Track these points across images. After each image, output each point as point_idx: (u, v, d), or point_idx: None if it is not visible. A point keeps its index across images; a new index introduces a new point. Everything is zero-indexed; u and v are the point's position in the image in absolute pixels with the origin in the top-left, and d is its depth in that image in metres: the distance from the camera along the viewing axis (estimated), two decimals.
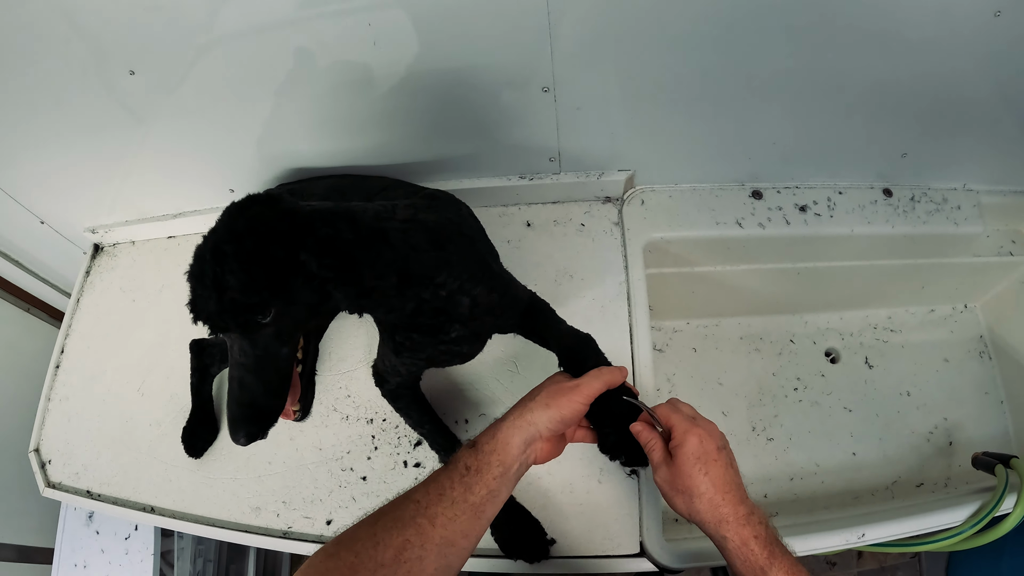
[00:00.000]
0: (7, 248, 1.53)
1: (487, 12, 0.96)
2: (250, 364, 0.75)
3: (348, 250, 0.75)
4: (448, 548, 0.65)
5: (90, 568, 1.44)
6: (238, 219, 0.71)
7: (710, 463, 0.78)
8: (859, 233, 1.32)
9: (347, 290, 0.77)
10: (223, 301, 0.69)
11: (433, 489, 0.67)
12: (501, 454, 0.72)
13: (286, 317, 0.74)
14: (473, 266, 0.93)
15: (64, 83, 1.10)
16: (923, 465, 1.42)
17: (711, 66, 1.06)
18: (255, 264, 0.69)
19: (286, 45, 1.02)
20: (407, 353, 1.05)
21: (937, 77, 1.10)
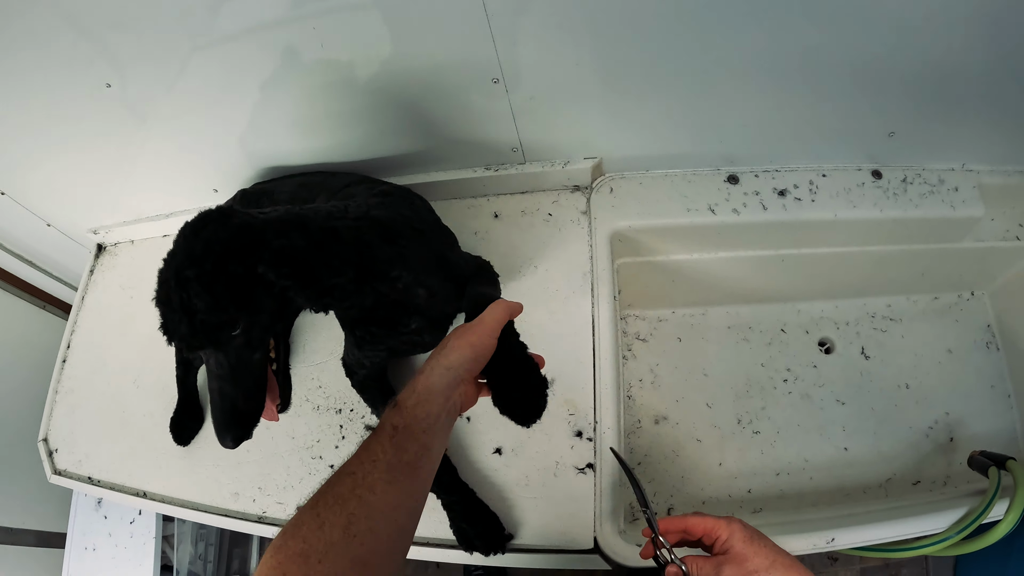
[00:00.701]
0: (20, 249, 1.63)
1: (423, 7, 0.97)
2: (226, 374, 0.78)
3: (302, 256, 0.78)
4: (395, 512, 0.64)
5: (99, 551, 1.53)
6: (194, 242, 0.74)
7: (760, 534, 0.78)
8: (843, 218, 1.26)
9: (307, 293, 0.80)
10: (193, 324, 0.72)
11: (366, 458, 0.65)
12: (426, 405, 0.70)
13: (254, 326, 0.77)
14: (427, 258, 0.95)
15: (65, 92, 1.16)
16: (921, 462, 1.35)
17: (672, 46, 1.03)
18: (217, 284, 0.72)
19: (253, 52, 1.06)
20: (368, 346, 1.08)
21: (926, 48, 1.02)
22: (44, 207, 1.51)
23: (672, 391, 1.44)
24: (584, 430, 1.13)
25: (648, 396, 1.44)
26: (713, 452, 1.38)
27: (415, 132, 1.24)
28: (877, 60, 1.05)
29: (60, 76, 1.13)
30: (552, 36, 1.02)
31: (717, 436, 1.40)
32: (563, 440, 1.13)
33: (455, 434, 1.17)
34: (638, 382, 1.45)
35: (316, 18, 0.99)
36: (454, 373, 0.73)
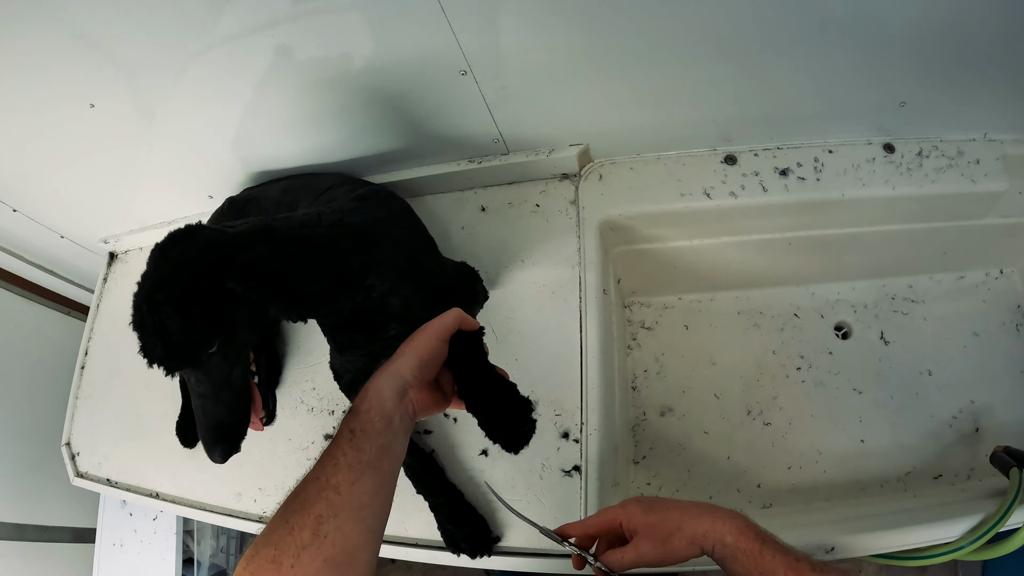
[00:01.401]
0: (40, 259, 1.70)
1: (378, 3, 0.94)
2: (207, 392, 0.79)
3: (270, 267, 0.78)
4: (362, 510, 0.65)
5: (126, 547, 1.60)
6: (163, 264, 0.74)
7: (659, 499, 0.79)
8: (851, 197, 1.18)
9: (279, 304, 0.80)
10: (168, 346, 0.72)
11: (328, 462, 0.67)
12: (378, 409, 0.70)
13: (231, 342, 0.77)
14: (401, 266, 0.94)
15: (67, 108, 1.18)
16: (943, 454, 1.26)
17: (651, 16, 0.95)
18: (189, 305, 0.72)
19: (232, 60, 1.06)
20: (349, 351, 1.08)
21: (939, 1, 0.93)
22: (55, 220, 1.56)
23: (678, 381, 1.39)
24: (571, 431, 1.10)
25: (653, 387, 1.39)
26: (721, 445, 1.33)
27: (393, 129, 1.22)
28: (882, 18, 0.95)
29: (52, 93, 1.16)
30: (514, 22, 0.97)
31: (725, 428, 1.34)
32: (549, 441, 1.10)
33: (442, 435, 1.16)
34: (643, 372, 1.41)
35: (274, 26, 0.98)
36: (400, 379, 0.73)
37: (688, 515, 0.74)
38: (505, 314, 1.20)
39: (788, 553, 0.69)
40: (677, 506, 0.76)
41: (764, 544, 0.70)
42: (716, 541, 0.72)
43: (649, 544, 0.74)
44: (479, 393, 0.79)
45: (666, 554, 0.74)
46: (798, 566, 0.67)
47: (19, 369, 1.76)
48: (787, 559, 0.68)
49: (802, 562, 0.68)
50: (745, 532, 0.71)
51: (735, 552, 0.70)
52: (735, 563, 0.70)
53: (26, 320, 1.78)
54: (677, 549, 0.73)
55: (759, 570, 0.68)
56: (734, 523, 0.72)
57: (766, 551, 0.69)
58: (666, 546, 0.73)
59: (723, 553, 0.71)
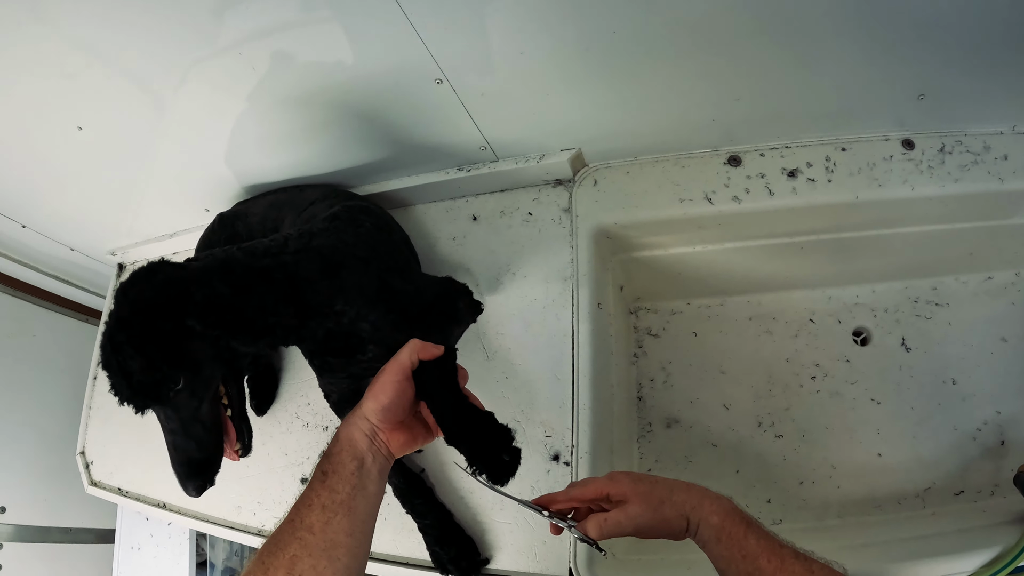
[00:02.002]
0: (54, 270, 1.74)
1: (345, 17, 0.92)
2: (177, 427, 0.79)
3: (228, 303, 0.78)
4: (335, 550, 0.66)
5: (143, 550, 1.64)
6: (123, 305, 0.75)
7: (645, 474, 0.78)
8: (865, 199, 1.10)
9: (242, 338, 0.79)
10: (132, 385, 0.73)
11: (303, 504, 0.68)
12: (350, 450, 0.71)
13: (196, 378, 0.77)
14: (369, 290, 0.92)
15: (53, 133, 1.21)
16: (966, 469, 1.17)
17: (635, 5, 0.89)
18: (147, 344, 0.72)
19: (217, 78, 1.06)
20: (328, 374, 1.07)
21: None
22: (64, 235, 1.60)
23: (686, 391, 1.33)
24: (561, 453, 1.06)
25: (660, 397, 1.34)
26: (729, 458, 1.27)
27: (377, 141, 1.19)
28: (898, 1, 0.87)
29: (41, 116, 1.18)
30: (484, 27, 0.93)
31: (734, 440, 1.28)
32: (539, 464, 1.07)
33: (432, 452, 1.14)
34: (649, 382, 1.35)
35: (249, 42, 0.97)
36: (367, 423, 0.73)
37: (678, 487, 0.74)
38: (495, 329, 1.16)
39: (771, 539, 0.69)
40: (664, 480, 0.76)
41: (749, 528, 0.69)
42: (702, 519, 0.71)
43: (640, 507, 0.73)
44: (454, 427, 0.76)
45: (658, 520, 0.72)
46: (781, 552, 0.67)
47: (41, 377, 1.81)
48: (770, 544, 0.68)
49: (785, 548, 0.68)
50: (731, 515, 0.71)
51: (719, 533, 0.70)
52: (718, 544, 0.70)
53: (45, 329, 1.83)
54: (668, 517, 0.72)
55: (741, 553, 0.68)
56: (720, 504, 0.72)
57: (750, 535, 0.69)
58: (658, 512, 0.72)
59: (708, 534, 0.71)
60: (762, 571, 0.66)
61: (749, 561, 0.67)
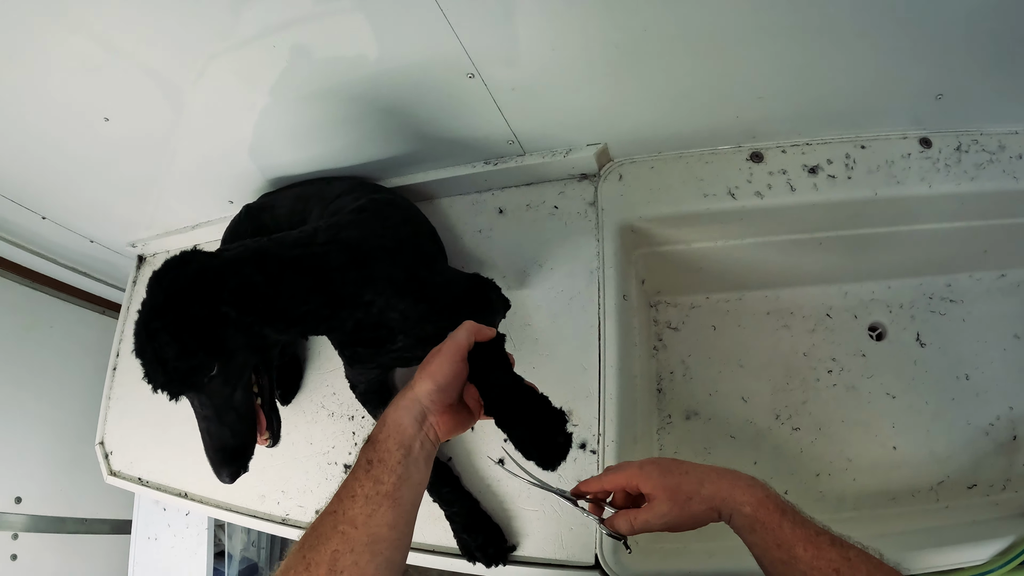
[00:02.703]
0: (73, 262, 1.74)
1: (381, 10, 0.93)
2: (211, 414, 0.80)
3: (261, 291, 0.79)
4: (378, 544, 0.64)
5: (160, 540, 1.65)
6: (158, 293, 0.76)
7: (677, 462, 0.76)
8: (884, 196, 1.12)
9: (275, 325, 0.81)
10: (167, 372, 0.74)
11: (345, 494, 0.66)
12: (396, 437, 0.69)
13: (230, 365, 0.78)
14: (398, 280, 0.93)
15: (79, 124, 1.21)
16: (978, 463, 1.19)
17: (664, 4, 0.91)
18: (183, 331, 0.73)
19: (243, 70, 1.06)
20: (358, 365, 1.09)
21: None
22: (84, 226, 1.61)
23: (705, 384, 1.35)
24: (588, 442, 1.08)
25: (679, 389, 1.36)
26: (748, 450, 1.29)
27: (404, 134, 1.20)
28: (918, 3, 0.89)
29: (68, 107, 1.18)
30: (518, 23, 0.95)
31: (752, 433, 1.30)
32: None
33: (459, 442, 1.15)
34: (669, 375, 1.37)
35: (280, 32, 0.97)
36: (419, 406, 0.72)
37: (708, 479, 0.72)
38: (522, 320, 1.18)
39: (807, 526, 0.67)
40: (696, 469, 0.74)
41: (784, 516, 0.67)
42: (734, 509, 0.70)
43: (667, 505, 0.72)
44: (508, 410, 0.76)
45: (686, 517, 0.72)
46: (817, 540, 0.65)
47: (57, 369, 1.82)
48: (806, 532, 0.66)
49: (822, 536, 0.66)
50: (765, 503, 0.69)
51: (752, 523, 0.68)
52: (752, 533, 0.68)
53: (62, 321, 1.84)
54: (696, 512, 0.71)
55: (776, 542, 0.66)
56: (754, 493, 0.70)
57: (785, 522, 0.67)
58: (685, 509, 0.71)
59: (741, 523, 0.69)
60: (798, 559, 0.65)
61: (784, 550, 0.66)
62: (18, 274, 1.71)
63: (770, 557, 0.67)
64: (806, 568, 0.64)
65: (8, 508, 1.62)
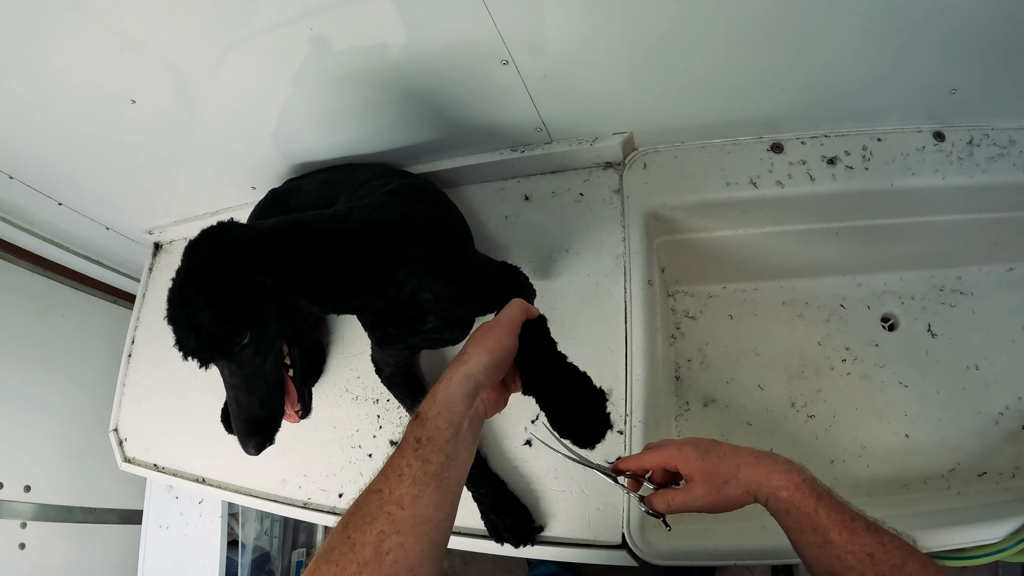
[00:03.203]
0: (86, 250, 1.74)
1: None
2: (240, 383, 0.81)
3: (298, 261, 0.79)
4: (424, 525, 0.63)
5: (171, 529, 1.64)
6: (194, 259, 0.77)
7: (716, 444, 0.76)
8: (900, 187, 1.16)
9: (310, 296, 0.81)
10: (200, 337, 0.75)
11: (391, 473, 0.64)
12: (446, 415, 0.68)
13: (262, 334, 0.79)
14: (431, 261, 0.93)
15: (105, 102, 1.21)
16: (988, 452, 1.22)
17: (686, 7, 0.95)
18: (218, 297, 0.74)
19: (269, 52, 1.07)
20: (389, 345, 1.10)
21: None
22: (100, 213, 1.60)
23: (722, 372, 1.38)
24: (615, 423, 1.09)
25: (697, 377, 1.38)
26: (764, 437, 1.32)
27: (432, 120, 1.22)
28: (935, 5, 0.93)
29: (95, 90, 1.18)
30: (556, 9, 0.97)
31: (768, 420, 1.33)
32: None
33: (486, 424, 1.16)
34: (687, 363, 1.40)
35: (313, 16, 0.99)
36: (473, 381, 0.71)
37: (745, 463, 0.72)
38: (549, 304, 1.19)
39: (843, 511, 0.67)
40: (733, 452, 0.74)
41: (819, 501, 0.67)
42: (770, 494, 0.70)
43: (703, 489, 0.72)
44: (553, 388, 0.77)
45: (721, 501, 0.72)
46: (852, 525, 0.66)
47: (68, 357, 1.81)
48: (842, 517, 0.66)
49: (857, 521, 0.66)
50: (801, 488, 0.69)
51: (788, 507, 0.68)
52: (788, 517, 0.69)
53: (73, 309, 1.83)
54: (732, 496, 0.72)
55: (812, 526, 0.67)
56: (790, 477, 0.70)
57: (821, 508, 0.67)
58: (721, 493, 0.72)
59: (776, 507, 0.70)
60: (832, 544, 0.65)
61: (820, 534, 0.66)
62: (31, 262, 1.70)
63: (805, 541, 0.67)
64: (841, 552, 0.64)
65: (17, 496, 1.60)
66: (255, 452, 0.83)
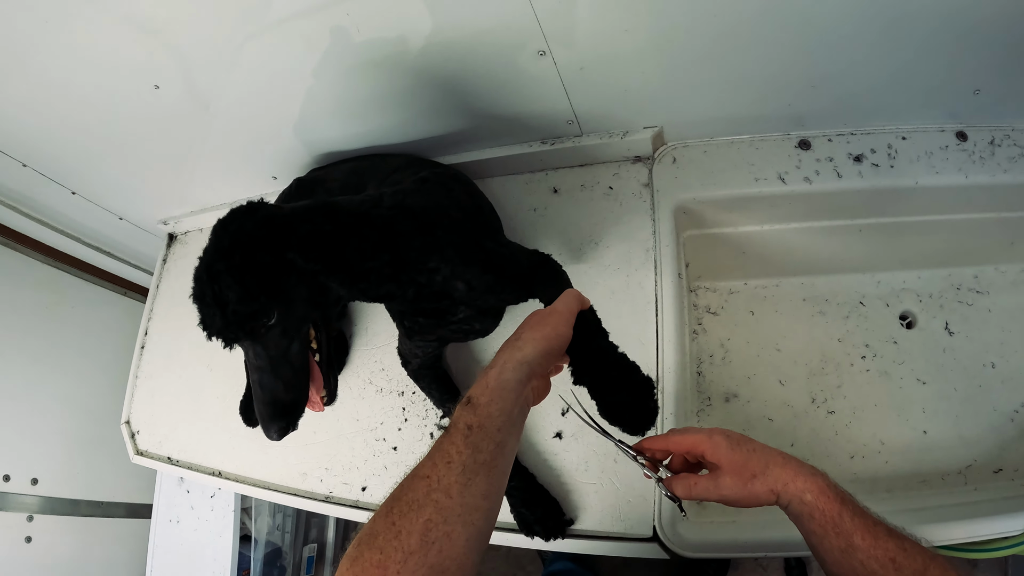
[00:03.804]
0: (98, 241, 1.72)
1: None
2: (265, 366, 0.79)
3: (330, 241, 0.78)
4: (472, 514, 0.61)
5: (182, 523, 1.61)
6: (223, 237, 0.76)
7: (746, 438, 0.75)
8: (924, 185, 1.18)
9: (339, 278, 0.80)
10: (226, 315, 0.73)
11: (440, 459, 0.63)
12: (499, 402, 0.67)
13: (289, 315, 0.78)
14: (464, 249, 0.92)
15: (121, 90, 1.20)
16: (1004, 449, 1.24)
17: (725, 3, 0.95)
18: (247, 275, 0.73)
19: (295, 40, 1.07)
20: (418, 336, 1.08)
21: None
22: (114, 203, 1.59)
23: (743, 367, 1.39)
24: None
25: (719, 373, 1.39)
26: (785, 432, 1.32)
27: (462, 110, 1.22)
28: (963, 4, 0.95)
29: (116, 76, 1.17)
30: (593, 1, 0.97)
31: (789, 415, 1.34)
32: None
33: None
34: (708, 358, 1.40)
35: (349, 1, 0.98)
36: (528, 368, 0.70)
37: (773, 461, 0.72)
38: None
39: (866, 516, 0.67)
40: (763, 449, 0.74)
41: (843, 505, 0.67)
42: (794, 496, 0.70)
43: (731, 480, 0.72)
44: (605, 378, 0.78)
45: (746, 495, 0.72)
46: (875, 530, 0.65)
47: (77, 349, 1.79)
48: (865, 522, 0.66)
49: (879, 526, 0.66)
50: (826, 492, 0.68)
51: (812, 511, 0.68)
52: (811, 521, 0.68)
53: (82, 301, 1.81)
54: (757, 493, 0.71)
55: (836, 530, 0.66)
56: (815, 481, 0.70)
57: (845, 512, 0.67)
58: (748, 487, 0.71)
59: (800, 510, 0.69)
60: (856, 548, 0.65)
61: (843, 538, 0.66)
62: (41, 252, 1.67)
63: (827, 545, 0.67)
64: (864, 557, 0.64)
65: (24, 489, 1.58)
66: (278, 437, 0.82)
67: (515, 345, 0.73)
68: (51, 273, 1.71)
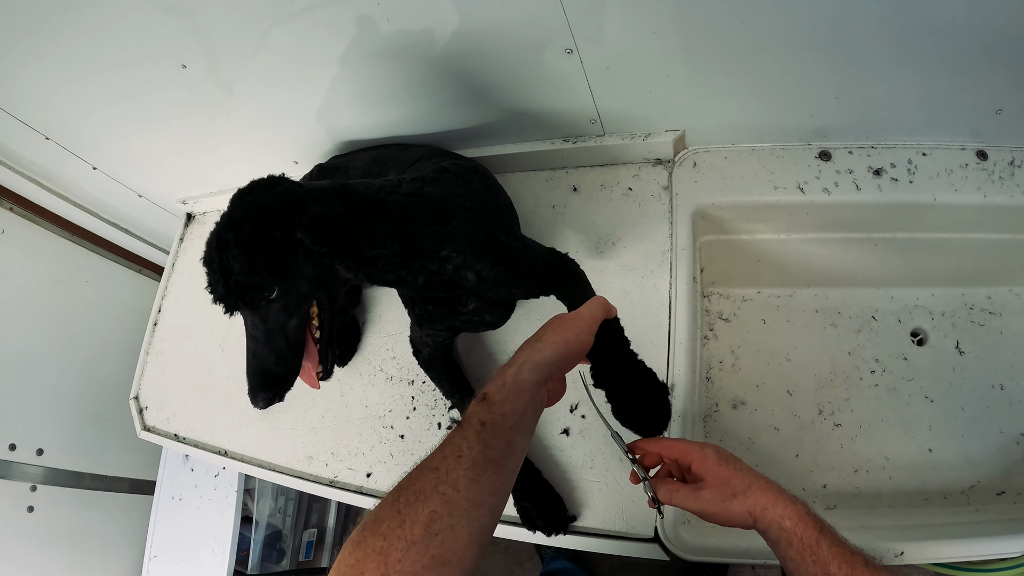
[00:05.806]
0: (115, 218, 1.74)
1: None
2: (260, 336, 0.80)
3: (340, 224, 0.79)
4: (477, 509, 0.62)
5: (184, 501, 1.63)
6: (238, 208, 0.77)
7: (735, 457, 0.78)
8: (943, 202, 1.17)
9: (346, 262, 0.81)
10: (228, 284, 0.75)
11: (450, 452, 0.64)
12: (514, 402, 0.68)
13: (291, 292, 0.79)
14: (477, 240, 0.93)
15: (149, 69, 1.21)
16: (1008, 471, 1.24)
17: (760, 7, 0.95)
18: (253, 248, 0.74)
19: (322, 26, 1.07)
20: (428, 324, 1.09)
21: None
22: (134, 180, 1.60)
23: (752, 375, 1.39)
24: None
25: (727, 379, 1.40)
26: (790, 442, 1.33)
27: (486, 104, 1.22)
28: (988, 24, 0.94)
29: (144, 53, 1.18)
30: (623, 2, 0.97)
31: (796, 426, 1.34)
32: None
33: None
34: (718, 364, 1.41)
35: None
36: (546, 370, 0.72)
37: (757, 485, 0.73)
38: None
39: (843, 546, 0.68)
40: (747, 471, 0.75)
41: (822, 533, 0.68)
42: (773, 521, 0.70)
43: (712, 494, 0.73)
44: (624, 385, 0.81)
45: (722, 511, 0.73)
46: (852, 560, 0.66)
47: (90, 323, 1.80)
48: (842, 551, 0.67)
49: (856, 556, 0.67)
50: (805, 519, 0.69)
51: (791, 537, 0.69)
52: (789, 547, 0.69)
53: (99, 276, 1.82)
54: (734, 512, 0.72)
55: (812, 558, 0.67)
56: (795, 508, 0.70)
57: (823, 541, 0.68)
58: (726, 504, 0.72)
59: (778, 535, 0.70)
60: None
61: (820, 566, 0.67)
62: (58, 226, 1.69)
63: (804, 572, 0.68)
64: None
65: (28, 459, 1.59)
66: (262, 406, 0.83)
67: (535, 346, 0.74)
68: (67, 246, 1.72)
